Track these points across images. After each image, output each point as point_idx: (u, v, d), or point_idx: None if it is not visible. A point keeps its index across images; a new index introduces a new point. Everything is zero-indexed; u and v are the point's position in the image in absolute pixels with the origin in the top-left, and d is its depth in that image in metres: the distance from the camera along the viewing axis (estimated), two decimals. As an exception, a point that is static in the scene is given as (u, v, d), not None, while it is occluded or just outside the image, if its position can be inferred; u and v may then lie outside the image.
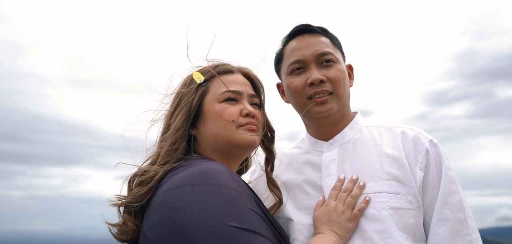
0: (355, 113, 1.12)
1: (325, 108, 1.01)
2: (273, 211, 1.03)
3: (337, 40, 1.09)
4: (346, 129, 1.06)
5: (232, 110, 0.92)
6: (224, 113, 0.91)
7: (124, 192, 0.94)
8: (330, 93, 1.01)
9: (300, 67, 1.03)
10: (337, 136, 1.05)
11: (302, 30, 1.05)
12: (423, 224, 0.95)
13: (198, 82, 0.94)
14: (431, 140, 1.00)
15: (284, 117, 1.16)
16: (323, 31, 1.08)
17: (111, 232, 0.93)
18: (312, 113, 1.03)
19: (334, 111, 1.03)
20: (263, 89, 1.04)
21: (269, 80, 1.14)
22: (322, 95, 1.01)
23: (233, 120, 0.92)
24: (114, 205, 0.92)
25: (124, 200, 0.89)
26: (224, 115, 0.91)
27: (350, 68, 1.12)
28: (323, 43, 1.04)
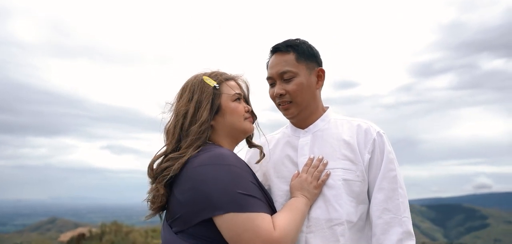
0: (327, 107, 1.47)
1: (288, 113, 1.39)
2: (261, 178, 1.44)
3: (304, 53, 1.37)
4: (318, 121, 1.41)
5: (241, 107, 1.31)
6: (237, 108, 1.30)
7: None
8: (290, 102, 1.36)
9: (272, 82, 1.40)
10: (311, 126, 1.41)
11: (274, 50, 1.39)
12: (367, 192, 1.33)
13: (212, 85, 1.28)
14: (378, 132, 1.34)
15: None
16: (291, 48, 1.36)
17: (147, 200, 1.25)
18: (283, 115, 1.42)
19: (295, 114, 1.38)
20: (248, 89, 1.41)
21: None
22: (284, 104, 1.37)
23: (242, 115, 1.31)
24: (152, 175, 1.23)
25: (166, 172, 1.18)
26: (238, 111, 1.30)
27: (320, 72, 1.40)
28: (286, 62, 1.35)
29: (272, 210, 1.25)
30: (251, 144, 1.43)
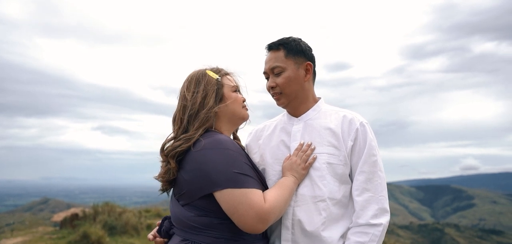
0: (319, 98, 1.64)
1: (279, 103, 1.58)
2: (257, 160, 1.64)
3: (292, 50, 1.54)
4: (309, 111, 1.58)
5: (240, 97, 1.54)
6: (237, 98, 1.52)
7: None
8: (281, 93, 1.55)
9: (266, 76, 1.60)
10: (303, 115, 1.58)
11: (268, 48, 1.59)
12: (350, 175, 1.50)
13: (215, 78, 1.49)
14: (361, 122, 1.50)
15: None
16: (281, 46, 1.55)
17: (159, 176, 1.44)
18: (276, 104, 1.61)
19: (285, 104, 1.58)
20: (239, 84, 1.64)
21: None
22: (276, 95, 1.56)
23: (241, 103, 1.53)
24: (164, 154, 1.42)
25: (178, 148, 1.38)
26: (238, 100, 1.52)
27: (307, 66, 1.56)
28: (276, 58, 1.54)
29: (264, 187, 1.46)
30: (234, 136, 1.64)
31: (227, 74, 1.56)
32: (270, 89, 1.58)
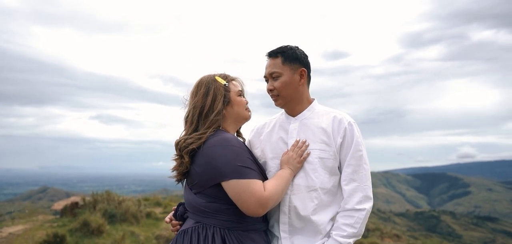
0: (313, 99, 1.86)
1: (277, 103, 1.81)
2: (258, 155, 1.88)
3: (289, 57, 1.76)
4: (305, 111, 1.81)
5: (244, 100, 1.77)
6: (241, 101, 1.75)
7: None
8: (278, 95, 1.77)
9: (266, 79, 1.82)
10: (299, 115, 1.81)
11: (268, 55, 1.81)
12: (339, 167, 1.74)
13: (223, 83, 1.71)
14: (349, 122, 1.73)
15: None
16: (279, 53, 1.77)
17: (173, 168, 1.68)
18: (274, 105, 1.85)
19: (282, 105, 1.81)
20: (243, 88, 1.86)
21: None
22: (273, 96, 1.79)
23: (245, 106, 1.77)
24: (178, 149, 1.65)
25: (191, 146, 1.61)
26: (242, 103, 1.76)
27: (302, 71, 1.77)
28: (274, 65, 1.77)
29: (264, 178, 1.70)
30: (238, 133, 1.87)
31: (233, 79, 1.79)
32: (269, 91, 1.81)
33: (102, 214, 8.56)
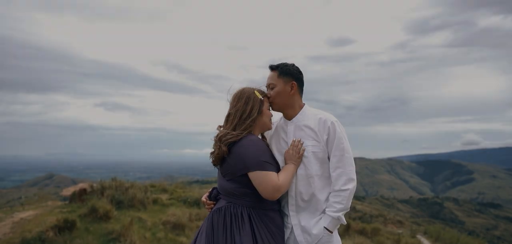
0: (304, 104, 2.33)
1: (273, 109, 2.31)
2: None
3: (283, 71, 2.26)
4: (297, 115, 2.30)
5: (270, 112, 2.29)
6: (269, 114, 2.27)
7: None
8: (272, 102, 2.29)
9: (267, 88, 2.33)
10: (294, 119, 2.30)
11: (269, 68, 2.32)
12: (328, 157, 2.21)
13: (259, 97, 2.21)
14: (332, 121, 2.20)
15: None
16: (276, 68, 2.28)
17: (212, 155, 2.18)
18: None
19: (277, 110, 2.31)
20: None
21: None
22: (270, 103, 2.30)
23: (270, 117, 2.28)
24: (221, 138, 2.14)
25: (230, 140, 2.12)
26: (269, 116, 2.27)
27: (292, 84, 2.26)
28: (272, 77, 2.29)
29: (278, 171, 2.21)
30: (262, 136, 2.43)
31: (265, 95, 2.30)
32: (267, 98, 2.31)
33: (110, 200, 8.74)
